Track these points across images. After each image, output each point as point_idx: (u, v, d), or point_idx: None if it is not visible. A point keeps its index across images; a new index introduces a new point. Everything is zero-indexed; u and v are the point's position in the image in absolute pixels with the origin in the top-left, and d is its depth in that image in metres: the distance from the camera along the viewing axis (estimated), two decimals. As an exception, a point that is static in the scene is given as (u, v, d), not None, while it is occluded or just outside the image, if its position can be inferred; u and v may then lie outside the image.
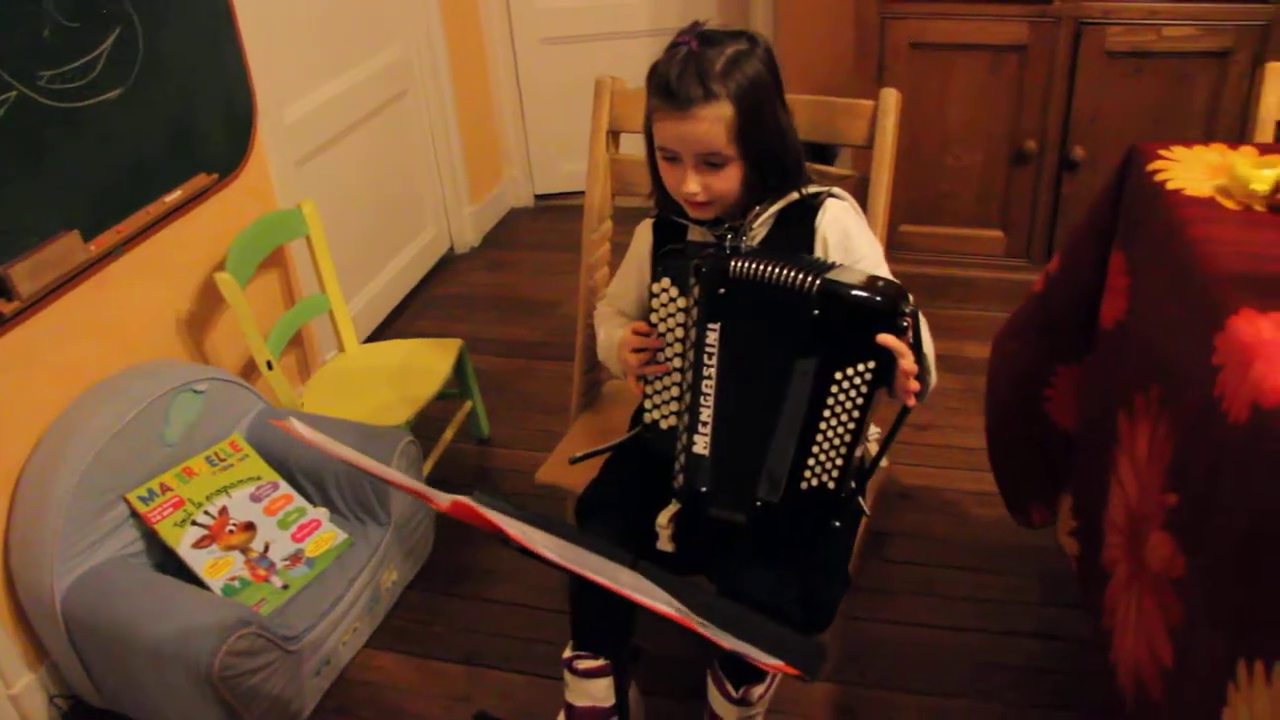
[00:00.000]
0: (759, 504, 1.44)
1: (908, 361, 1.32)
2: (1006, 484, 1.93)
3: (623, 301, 1.72)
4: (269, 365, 2.17)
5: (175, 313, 2.18)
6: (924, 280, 2.96)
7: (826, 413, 1.38)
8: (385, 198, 3.12)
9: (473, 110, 3.51)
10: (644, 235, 1.65)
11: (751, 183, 1.46)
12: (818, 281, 1.34)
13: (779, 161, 1.47)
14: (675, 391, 1.48)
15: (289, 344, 2.36)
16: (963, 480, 2.35)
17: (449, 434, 2.45)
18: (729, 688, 1.63)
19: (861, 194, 1.76)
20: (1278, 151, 1.52)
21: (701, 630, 1.12)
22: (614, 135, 1.98)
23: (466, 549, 2.27)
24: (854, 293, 1.33)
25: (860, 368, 1.35)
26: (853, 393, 1.36)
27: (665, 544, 1.53)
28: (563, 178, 3.88)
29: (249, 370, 2.39)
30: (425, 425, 2.29)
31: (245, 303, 2.10)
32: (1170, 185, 1.44)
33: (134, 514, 1.89)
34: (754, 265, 1.37)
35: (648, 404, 1.52)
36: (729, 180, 1.44)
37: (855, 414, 1.37)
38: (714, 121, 1.39)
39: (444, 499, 1.09)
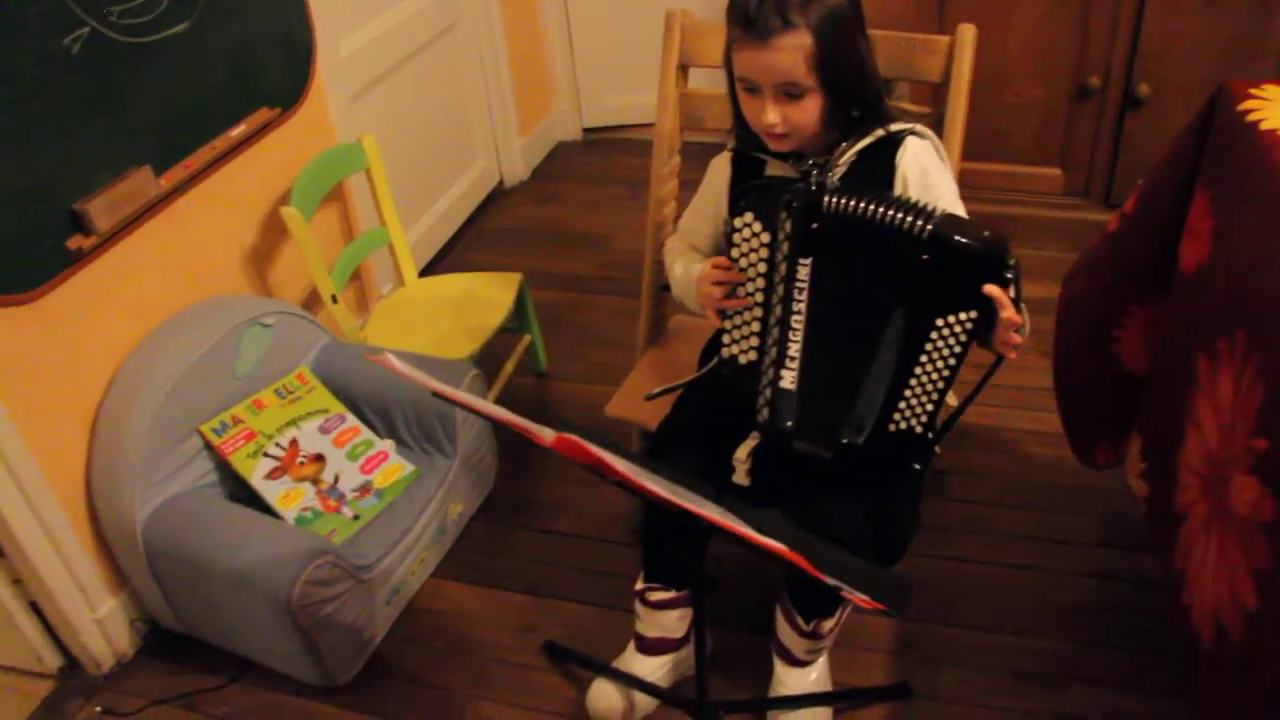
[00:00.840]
0: (845, 441, 1.45)
1: (1010, 313, 1.31)
2: (1073, 424, 1.93)
3: (696, 236, 1.72)
4: (334, 299, 2.18)
5: (241, 246, 2.20)
6: (979, 218, 2.92)
7: (924, 358, 1.39)
8: (437, 131, 3.11)
9: (522, 43, 3.48)
10: (721, 169, 1.64)
11: (832, 114, 1.45)
12: (929, 226, 1.33)
13: (859, 93, 1.45)
14: (756, 327, 1.49)
15: (348, 278, 2.37)
16: (1021, 419, 2.35)
17: (509, 367, 2.48)
18: (799, 621, 1.67)
19: (936, 131, 1.74)
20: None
21: (803, 562, 1.14)
22: (683, 69, 1.95)
23: (528, 481, 2.30)
24: (965, 240, 1.31)
25: (962, 316, 1.35)
26: (951, 340, 1.37)
27: (742, 478, 1.56)
28: (611, 111, 3.84)
29: (311, 303, 2.42)
30: (484, 360, 2.30)
31: (310, 236, 2.11)
32: (1265, 125, 1.41)
33: (208, 446, 1.93)
34: (852, 202, 1.36)
35: (726, 339, 1.52)
36: (808, 111, 1.43)
37: (952, 361, 1.38)
38: (793, 51, 1.37)
39: (548, 434, 1.10)
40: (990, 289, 1.31)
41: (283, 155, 2.26)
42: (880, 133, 1.49)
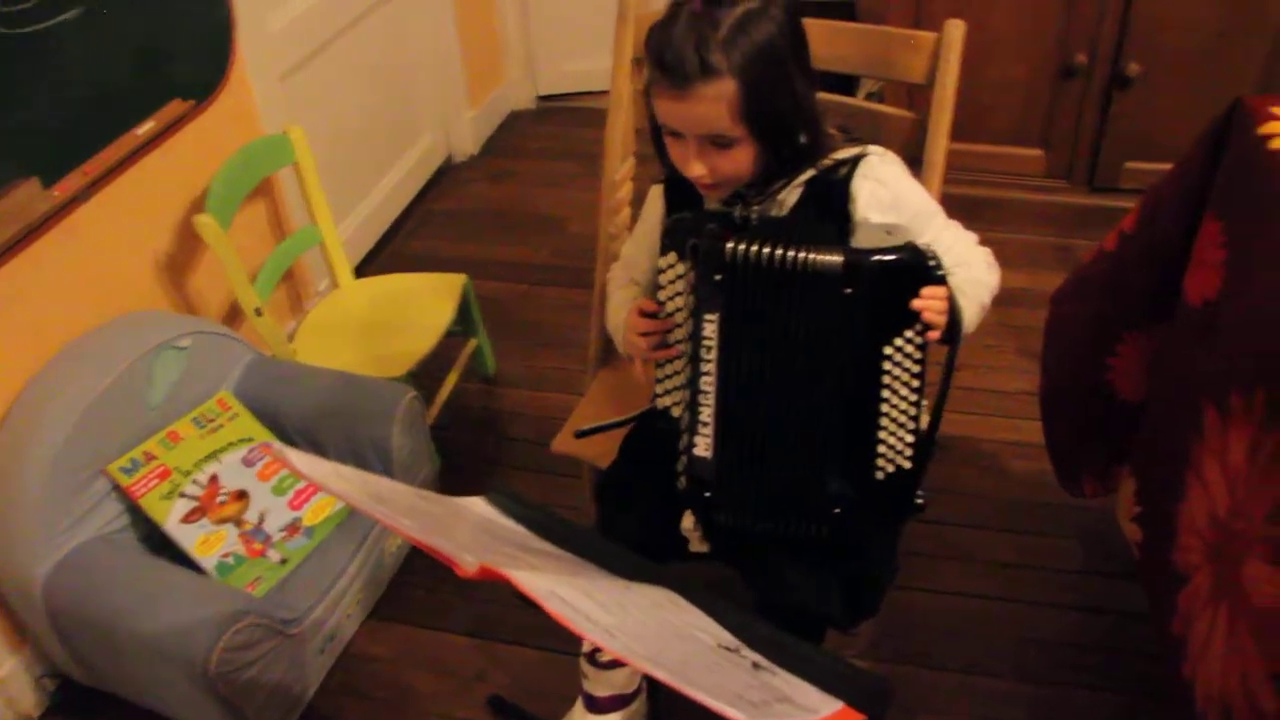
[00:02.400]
0: (836, 512, 1.29)
1: (943, 304, 1.20)
2: (1059, 452, 1.80)
3: (635, 270, 1.55)
4: (257, 312, 1.99)
5: (154, 258, 2.00)
6: (955, 200, 2.71)
7: (885, 392, 1.23)
8: (379, 107, 2.89)
9: (472, 5, 3.24)
10: (655, 201, 1.47)
11: (766, 160, 1.27)
12: (837, 257, 1.17)
13: (792, 138, 1.27)
14: (684, 378, 1.32)
15: (275, 284, 2.18)
16: (999, 429, 2.22)
17: (453, 377, 2.30)
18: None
19: (916, 139, 1.57)
20: None
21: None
22: (638, 63, 1.75)
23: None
24: (883, 258, 1.18)
25: (909, 334, 1.21)
26: (906, 362, 1.22)
27: (699, 545, 1.41)
28: (568, 77, 3.62)
29: (236, 314, 2.23)
30: (428, 364, 2.13)
31: (229, 246, 1.91)
32: (1286, 152, 1.25)
33: (116, 487, 1.75)
34: (756, 246, 1.19)
35: (659, 389, 1.36)
36: (738, 162, 1.25)
37: (915, 384, 1.23)
38: (714, 101, 1.18)
39: (469, 563, 0.94)
40: (926, 295, 1.18)
41: (200, 152, 2.05)
42: (812, 172, 1.32)
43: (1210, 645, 1.28)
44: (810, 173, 1.32)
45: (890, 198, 1.33)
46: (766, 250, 1.19)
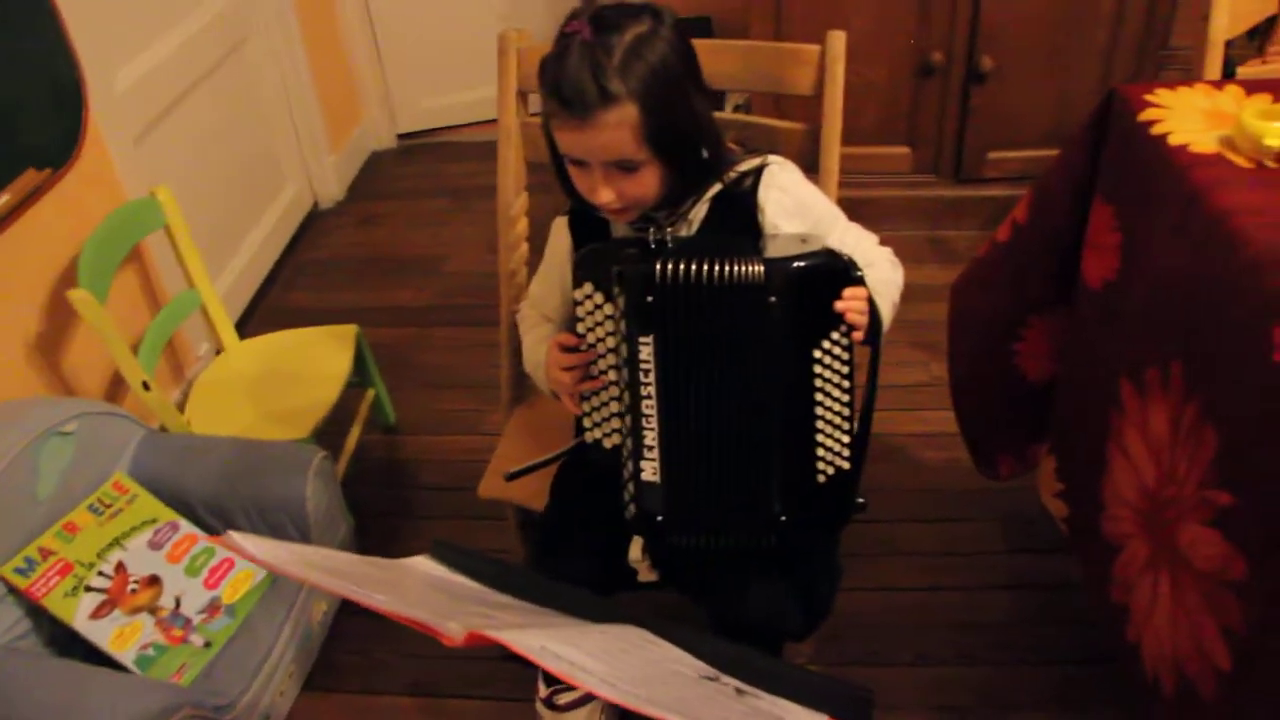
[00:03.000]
0: (783, 519, 1.29)
1: (863, 304, 1.23)
2: (975, 439, 1.85)
3: (546, 306, 1.53)
4: (145, 386, 1.88)
5: (22, 339, 1.87)
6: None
7: (818, 395, 1.25)
8: (239, 161, 2.77)
9: (322, 50, 3.15)
10: (560, 234, 1.45)
11: (672, 180, 1.28)
12: (759, 267, 1.19)
13: (696, 155, 1.28)
14: (616, 407, 1.31)
15: (159, 355, 2.06)
16: (906, 422, 2.28)
17: (356, 431, 2.22)
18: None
19: (810, 148, 1.60)
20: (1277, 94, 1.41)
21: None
22: (523, 96, 1.73)
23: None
24: (803, 264, 1.20)
25: (835, 336, 1.23)
26: (835, 364, 1.24)
27: (647, 575, 1.40)
28: (427, 114, 3.57)
29: (116, 387, 2.10)
30: (328, 422, 2.05)
31: (108, 320, 1.80)
32: (1172, 140, 1.32)
33: (13, 590, 1.61)
34: (683, 265, 1.20)
35: (586, 422, 1.34)
36: (645, 185, 1.26)
37: (845, 384, 1.25)
38: (617, 127, 1.19)
39: (456, 631, 0.90)
40: (848, 296, 1.21)
41: (62, 223, 1.93)
42: (718, 187, 1.33)
43: (1155, 609, 1.34)
44: (716, 187, 1.34)
45: (794, 204, 1.36)
46: (694, 267, 1.20)
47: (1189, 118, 1.37)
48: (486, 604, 1.16)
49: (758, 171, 1.35)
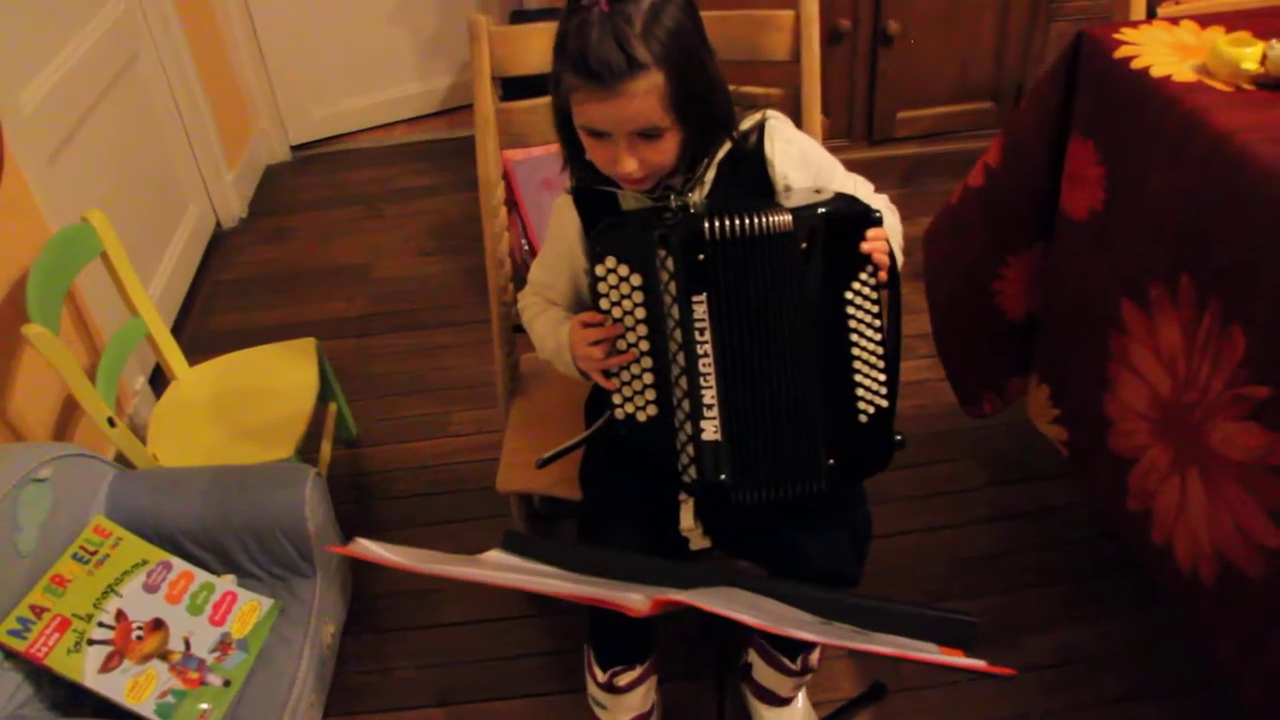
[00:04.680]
0: (830, 463, 1.32)
1: (884, 244, 1.29)
2: (957, 379, 1.93)
3: (553, 291, 1.51)
4: (110, 422, 1.76)
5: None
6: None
7: (852, 336, 1.29)
8: (143, 182, 2.62)
9: (210, 60, 3.00)
10: (567, 214, 1.43)
11: (689, 144, 1.30)
12: (786, 216, 1.23)
13: (714, 117, 1.31)
14: (649, 379, 1.32)
15: (115, 390, 1.93)
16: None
17: (327, 446, 2.13)
18: (785, 661, 1.55)
19: (791, 113, 1.63)
20: (1228, 25, 1.52)
21: (854, 645, 1.02)
22: (496, 82, 1.70)
23: (390, 572, 2.01)
24: (825, 209, 1.25)
25: (863, 276, 1.28)
26: (866, 304, 1.29)
27: (700, 542, 1.40)
28: (319, 123, 3.45)
29: (64, 427, 1.95)
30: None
31: (69, 355, 1.68)
32: (1155, 72, 1.41)
33: (10, 655, 1.49)
34: (726, 221, 1.23)
35: (617, 398, 1.34)
36: (666, 151, 1.27)
37: (877, 322, 1.30)
38: (646, 95, 1.20)
39: (640, 601, 0.89)
40: (872, 237, 1.26)
41: (-13, 257, 1.79)
42: (729, 144, 1.35)
43: (1186, 508, 1.43)
44: (726, 147, 1.35)
45: (798, 154, 1.39)
46: (734, 222, 1.23)
47: (1161, 52, 1.46)
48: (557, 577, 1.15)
49: (759, 127, 1.38)
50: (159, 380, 2.34)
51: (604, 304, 1.31)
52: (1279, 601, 1.28)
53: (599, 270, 1.30)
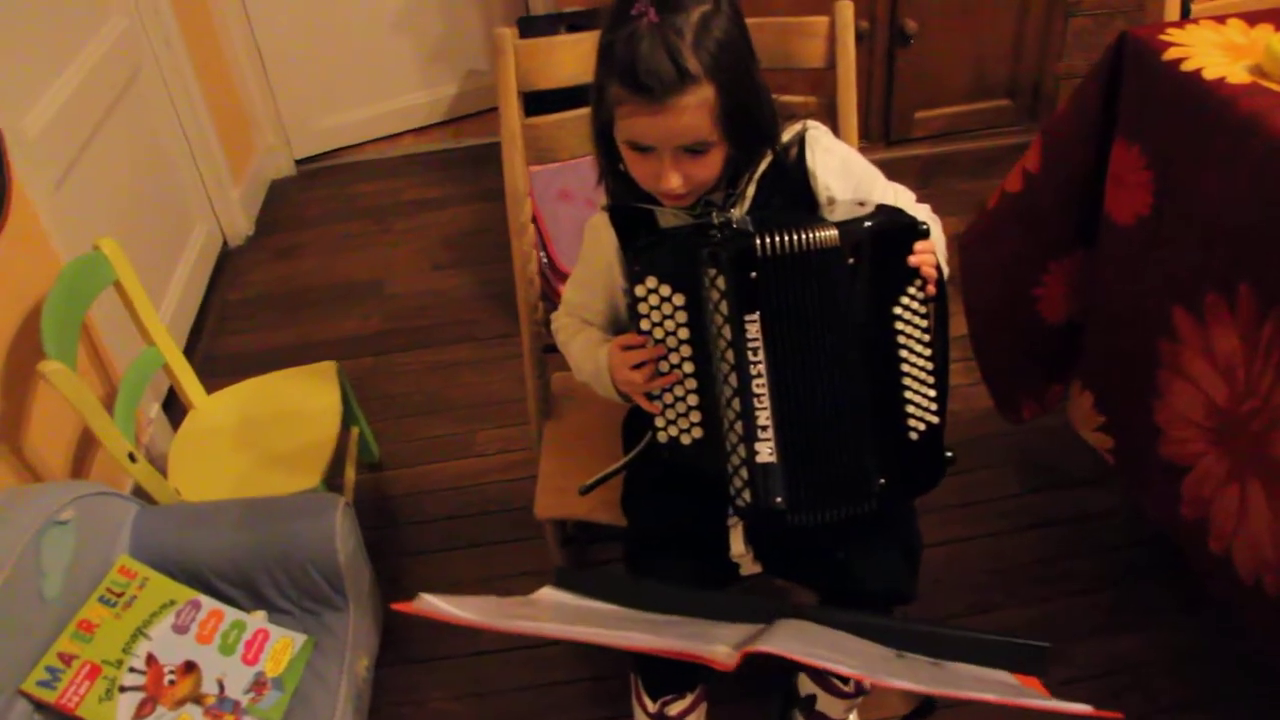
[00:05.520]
0: (881, 483, 1.27)
1: (933, 258, 1.25)
2: (998, 385, 1.90)
3: (588, 311, 1.46)
4: (131, 458, 1.72)
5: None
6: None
7: (902, 352, 1.25)
8: (150, 204, 2.57)
9: (213, 75, 2.95)
10: (602, 233, 1.38)
11: (735, 158, 1.26)
12: (833, 231, 1.19)
13: (760, 128, 1.27)
14: (694, 400, 1.27)
15: (134, 424, 1.88)
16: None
17: (350, 471, 2.09)
18: (838, 684, 1.51)
19: (826, 122, 1.59)
20: (1278, 23, 1.49)
21: (940, 692, 0.98)
22: (522, 96, 1.65)
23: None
24: (871, 224, 1.22)
25: (911, 291, 1.24)
26: (915, 319, 1.25)
27: (751, 567, 1.37)
28: (322, 136, 3.40)
29: (80, 464, 1.91)
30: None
31: (88, 392, 1.63)
32: (1207, 75, 1.37)
33: (40, 706, 1.44)
34: (776, 238, 1.19)
35: (660, 421, 1.30)
36: (712, 166, 1.23)
37: (926, 338, 1.26)
38: (696, 110, 1.16)
39: (728, 655, 0.85)
40: (920, 250, 1.22)
41: None
42: (770, 155, 1.31)
43: (1246, 517, 1.39)
44: (764, 165, 1.31)
45: (839, 164, 1.35)
46: (782, 238, 1.19)
47: (1211, 53, 1.42)
48: (630, 623, 1.11)
49: (799, 138, 1.34)
50: (172, 406, 2.30)
51: (644, 324, 1.27)
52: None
53: (639, 291, 1.26)
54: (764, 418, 1.25)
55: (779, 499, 1.26)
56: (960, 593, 1.86)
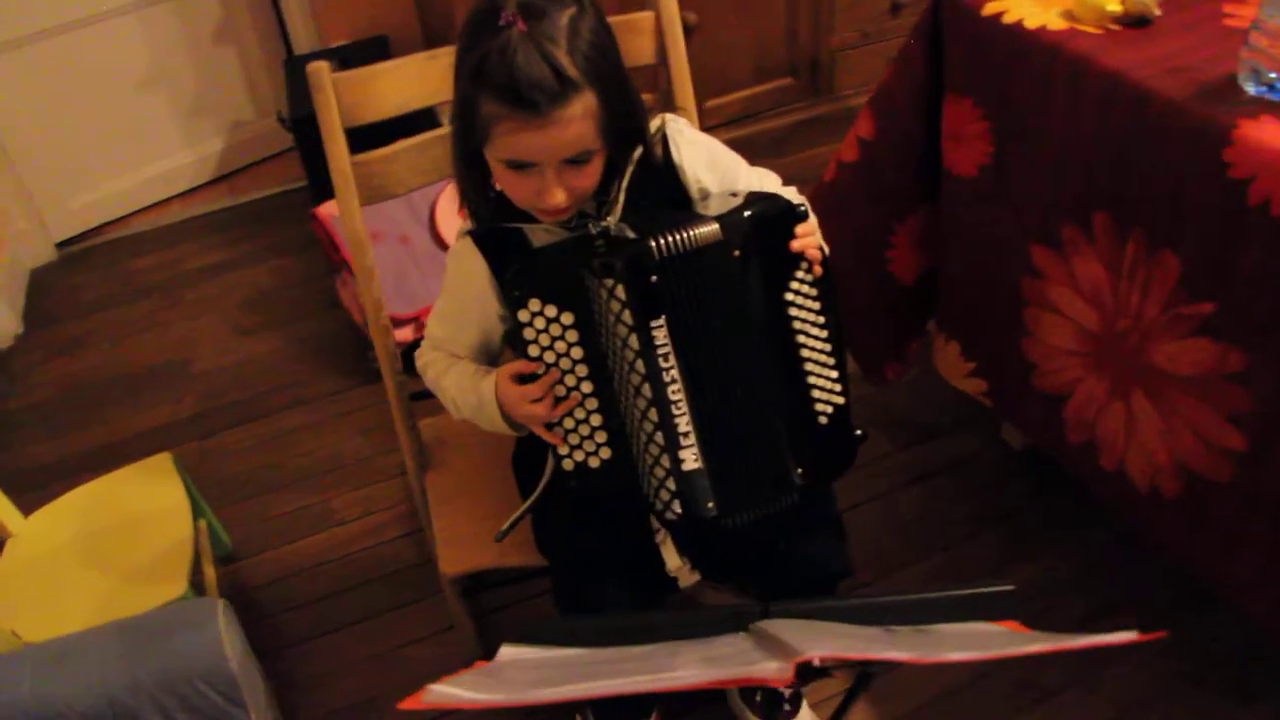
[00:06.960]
0: (800, 473, 1.26)
1: (818, 239, 1.26)
2: (860, 351, 1.94)
3: (457, 346, 1.37)
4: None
5: None
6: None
7: (799, 337, 1.25)
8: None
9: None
10: (469, 261, 1.29)
11: (614, 162, 1.23)
12: (714, 225, 1.18)
13: (639, 130, 1.24)
14: (597, 420, 1.23)
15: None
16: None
17: (210, 570, 1.89)
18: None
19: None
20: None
21: (943, 658, 0.98)
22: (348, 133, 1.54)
23: (319, 692, 1.80)
24: (751, 212, 1.21)
25: (800, 275, 1.24)
26: (808, 303, 1.25)
27: (689, 578, 1.34)
28: (82, 213, 3.07)
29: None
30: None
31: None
32: (1028, 24, 1.44)
33: None
34: (669, 238, 1.17)
35: (563, 449, 1.24)
36: (594, 175, 1.19)
37: (821, 319, 1.26)
38: (581, 120, 1.11)
39: (782, 669, 0.80)
40: (801, 233, 1.23)
41: None
42: (638, 152, 1.27)
43: (1135, 428, 1.47)
44: (633, 166, 1.27)
45: (705, 154, 1.33)
46: (677, 238, 1.17)
47: (1024, 5, 1.50)
48: (605, 663, 1.05)
49: (660, 133, 1.30)
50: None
51: (533, 350, 1.21)
52: (1250, 498, 1.34)
53: (523, 316, 1.19)
54: (684, 424, 1.21)
55: (710, 504, 1.23)
56: (864, 559, 1.89)
